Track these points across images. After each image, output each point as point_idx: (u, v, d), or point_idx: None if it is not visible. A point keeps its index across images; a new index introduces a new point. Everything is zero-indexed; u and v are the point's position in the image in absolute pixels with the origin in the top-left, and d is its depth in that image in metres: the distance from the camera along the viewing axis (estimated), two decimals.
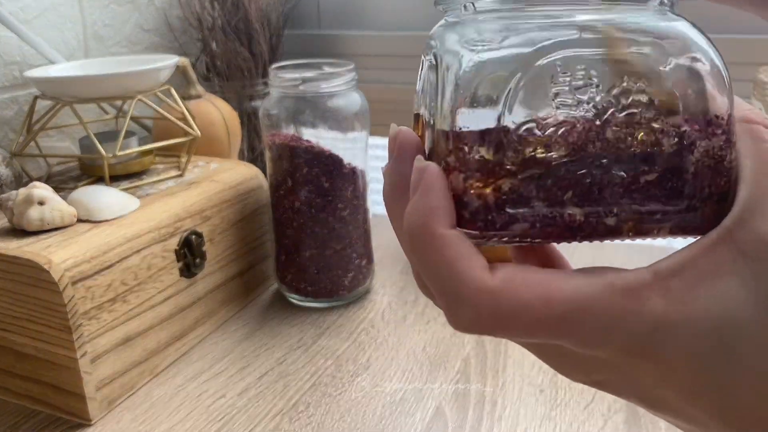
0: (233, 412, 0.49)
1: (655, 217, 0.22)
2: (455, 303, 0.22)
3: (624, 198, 0.22)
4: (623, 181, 0.22)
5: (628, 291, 0.21)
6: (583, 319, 0.21)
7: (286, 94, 0.59)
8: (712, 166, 0.22)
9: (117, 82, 0.57)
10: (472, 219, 0.22)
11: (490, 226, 0.22)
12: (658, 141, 0.22)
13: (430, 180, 0.23)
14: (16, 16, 0.65)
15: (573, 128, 0.22)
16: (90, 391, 0.48)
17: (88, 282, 0.47)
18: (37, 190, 0.49)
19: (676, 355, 0.20)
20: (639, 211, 0.22)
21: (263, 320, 0.62)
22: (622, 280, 0.21)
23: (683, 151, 0.22)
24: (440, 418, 0.48)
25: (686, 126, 0.22)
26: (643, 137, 0.22)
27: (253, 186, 0.64)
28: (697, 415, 0.21)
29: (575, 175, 0.22)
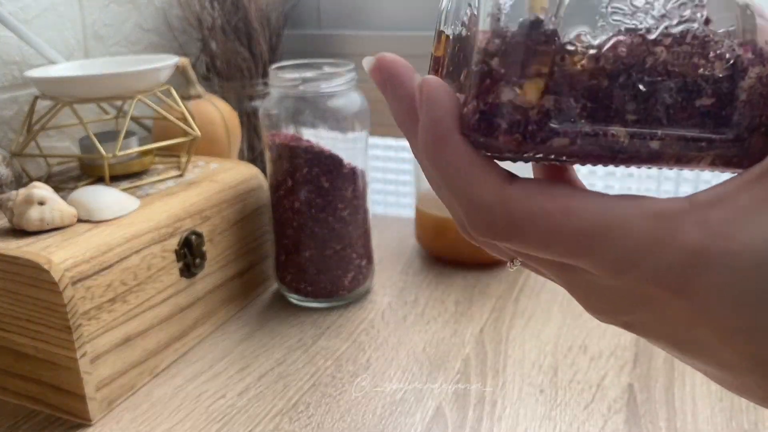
0: (233, 412, 0.49)
1: (700, 145, 0.21)
2: (472, 208, 0.21)
3: (670, 121, 0.21)
4: (671, 103, 0.21)
5: (662, 216, 0.19)
6: (608, 238, 0.20)
7: (286, 94, 0.59)
8: (765, 95, 0.21)
9: (117, 82, 0.57)
10: (510, 130, 0.21)
11: (529, 140, 0.21)
12: (711, 63, 0.21)
13: (430, 91, 0.21)
14: (16, 16, 0.64)
15: (624, 40, 0.21)
16: (90, 391, 0.48)
17: (87, 282, 0.47)
18: (37, 190, 0.49)
19: (712, 291, 0.19)
20: (684, 137, 0.21)
21: (263, 320, 0.62)
22: (657, 204, 0.20)
23: (735, 77, 0.21)
24: (440, 418, 0.48)
25: (740, 50, 0.21)
26: (695, 58, 0.21)
27: (252, 186, 0.64)
28: (732, 359, 0.20)
29: (622, 92, 0.21)
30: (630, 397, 0.49)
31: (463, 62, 0.23)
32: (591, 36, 0.20)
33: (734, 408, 0.48)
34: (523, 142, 0.21)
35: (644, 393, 0.50)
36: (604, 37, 0.21)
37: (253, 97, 0.84)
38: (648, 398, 0.49)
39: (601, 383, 0.51)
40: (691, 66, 0.21)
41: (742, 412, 0.47)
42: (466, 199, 0.22)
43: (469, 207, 0.22)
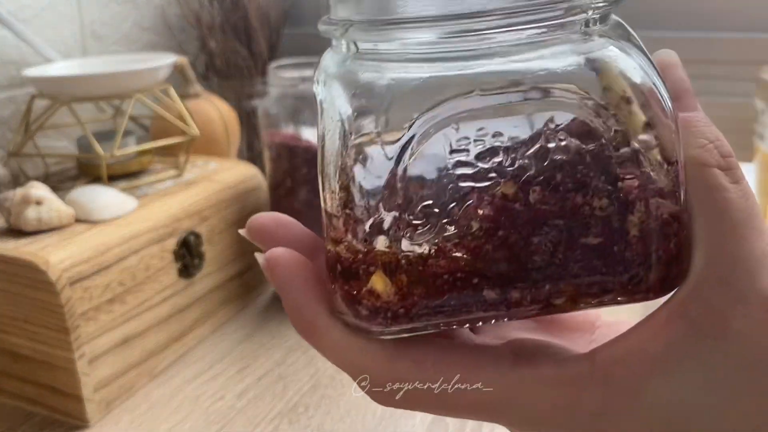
0: (232, 413, 0.49)
1: (593, 290, 0.19)
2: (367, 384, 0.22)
3: (554, 271, 0.19)
4: (551, 252, 0.19)
5: (563, 383, 0.19)
6: (511, 408, 0.20)
7: (285, 93, 0.59)
8: (657, 228, 0.19)
9: (115, 81, 0.57)
10: (371, 316, 0.19)
11: (394, 321, 0.19)
12: (588, 203, 0.19)
13: (284, 273, 0.20)
14: (14, 15, 0.64)
15: (480, 203, 0.18)
16: (88, 392, 0.47)
17: (85, 283, 0.46)
18: (34, 190, 0.49)
19: None
20: (574, 284, 0.19)
21: (262, 321, 0.62)
22: (557, 371, 0.19)
23: (620, 213, 0.19)
24: (440, 419, 0.48)
25: (621, 182, 0.18)
26: (568, 201, 0.19)
27: (252, 186, 0.64)
28: None
29: (491, 255, 0.19)
30: None
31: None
32: (437, 206, 0.19)
33: None
34: (392, 323, 0.19)
35: None
36: (455, 203, 0.19)
37: (252, 96, 0.83)
38: None
39: None
40: (564, 210, 0.19)
41: None
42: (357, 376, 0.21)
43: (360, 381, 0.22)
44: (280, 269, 0.20)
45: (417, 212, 0.18)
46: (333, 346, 0.21)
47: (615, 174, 0.18)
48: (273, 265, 0.20)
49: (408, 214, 0.18)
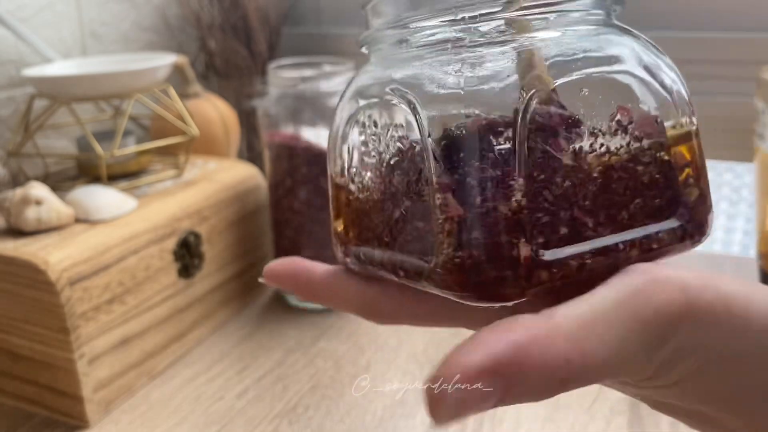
0: (232, 414, 0.49)
1: (417, 272, 0.22)
2: None
3: (394, 248, 0.23)
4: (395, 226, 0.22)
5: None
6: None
7: (285, 93, 0.58)
8: (447, 224, 0.20)
9: (114, 81, 0.57)
10: (337, 250, 0.25)
11: (343, 255, 0.25)
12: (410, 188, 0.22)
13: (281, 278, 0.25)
14: (13, 15, 0.64)
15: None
16: (87, 393, 0.47)
17: (85, 283, 0.46)
18: (34, 190, 0.49)
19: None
20: (401, 263, 0.22)
21: (262, 322, 0.62)
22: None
23: (430, 204, 0.21)
24: None
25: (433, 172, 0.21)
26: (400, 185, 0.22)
27: (251, 186, 0.64)
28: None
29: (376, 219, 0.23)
30: (633, 399, 0.49)
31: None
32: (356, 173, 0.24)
33: None
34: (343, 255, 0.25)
35: None
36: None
37: (251, 96, 0.83)
38: None
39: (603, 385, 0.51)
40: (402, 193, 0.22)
41: None
42: None
43: None
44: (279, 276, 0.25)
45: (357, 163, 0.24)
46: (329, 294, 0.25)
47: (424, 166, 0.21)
48: (271, 274, 0.25)
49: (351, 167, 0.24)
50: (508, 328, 0.18)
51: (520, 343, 0.17)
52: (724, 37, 0.70)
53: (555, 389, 0.18)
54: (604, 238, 0.20)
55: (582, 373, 0.18)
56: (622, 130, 0.21)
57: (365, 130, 0.23)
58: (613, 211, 0.20)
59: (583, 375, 0.18)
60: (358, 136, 0.24)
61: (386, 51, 0.24)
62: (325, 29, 0.91)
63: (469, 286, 0.20)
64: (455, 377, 0.17)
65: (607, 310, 0.18)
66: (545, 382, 0.18)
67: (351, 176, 0.24)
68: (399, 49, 0.23)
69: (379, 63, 0.24)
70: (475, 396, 0.17)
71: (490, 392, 0.17)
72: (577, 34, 0.21)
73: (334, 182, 0.25)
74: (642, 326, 0.18)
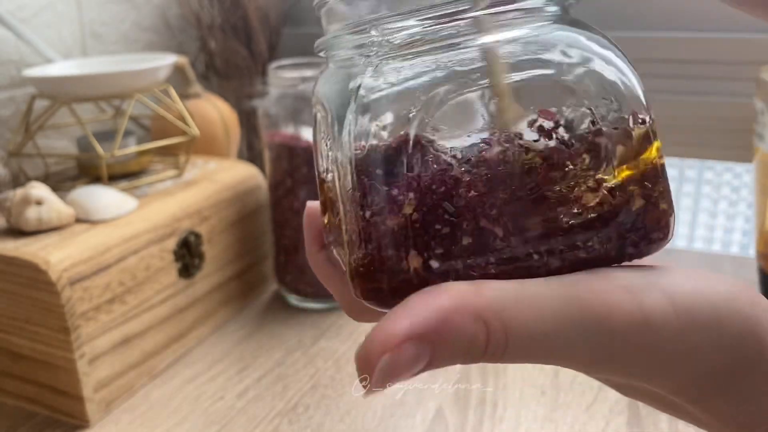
0: (232, 413, 0.49)
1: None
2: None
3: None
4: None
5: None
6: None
7: (285, 93, 0.59)
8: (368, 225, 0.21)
9: (115, 81, 0.57)
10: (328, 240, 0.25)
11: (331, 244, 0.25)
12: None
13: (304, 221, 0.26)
14: (14, 15, 0.64)
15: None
16: (88, 392, 0.47)
17: (85, 283, 0.46)
18: (34, 190, 0.49)
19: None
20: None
21: (262, 321, 0.62)
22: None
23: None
24: (441, 419, 0.48)
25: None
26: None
27: (251, 186, 0.64)
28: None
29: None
30: (632, 400, 0.49)
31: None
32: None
33: None
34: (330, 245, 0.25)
35: None
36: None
37: (252, 96, 0.83)
38: None
39: (603, 385, 0.51)
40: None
41: None
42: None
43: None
44: (306, 217, 0.26)
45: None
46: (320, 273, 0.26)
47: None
48: (305, 212, 0.26)
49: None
50: (436, 294, 0.18)
51: (444, 308, 0.18)
52: (723, 37, 0.70)
53: (479, 357, 0.18)
54: (516, 248, 0.20)
55: (502, 347, 0.18)
56: (544, 135, 0.20)
57: (322, 133, 0.24)
58: (528, 221, 0.20)
59: (505, 349, 0.18)
60: (320, 138, 0.24)
61: (334, 59, 0.24)
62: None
63: (370, 293, 0.20)
64: (383, 345, 0.18)
65: (540, 291, 0.19)
66: (468, 349, 0.18)
67: (325, 173, 0.24)
68: (342, 59, 0.24)
69: (333, 67, 0.25)
70: (404, 361, 0.18)
71: (419, 357, 0.18)
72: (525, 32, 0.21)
73: (318, 175, 0.25)
74: (581, 313, 0.18)
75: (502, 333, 0.18)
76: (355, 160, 0.20)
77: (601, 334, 0.18)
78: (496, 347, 0.18)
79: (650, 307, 0.19)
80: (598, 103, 0.20)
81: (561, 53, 0.20)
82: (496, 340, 0.18)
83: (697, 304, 0.19)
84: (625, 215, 0.20)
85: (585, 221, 0.20)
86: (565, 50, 0.20)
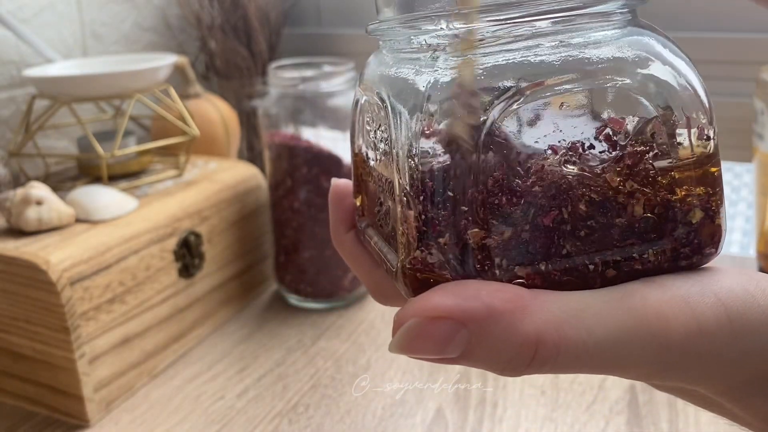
0: (232, 413, 0.49)
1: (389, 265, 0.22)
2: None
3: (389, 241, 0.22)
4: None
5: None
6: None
7: (285, 93, 0.59)
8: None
9: (115, 81, 0.57)
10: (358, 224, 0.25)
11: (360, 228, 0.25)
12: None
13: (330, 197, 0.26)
14: (14, 15, 0.64)
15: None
16: (88, 392, 0.47)
17: (86, 283, 0.46)
18: (34, 190, 0.49)
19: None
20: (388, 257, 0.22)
21: (262, 321, 0.62)
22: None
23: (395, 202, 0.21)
24: (441, 419, 0.48)
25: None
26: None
27: (252, 186, 0.64)
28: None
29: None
30: (632, 399, 0.49)
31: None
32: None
33: None
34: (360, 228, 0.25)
35: (646, 394, 0.50)
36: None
37: (252, 97, 0.83)
38: (650, 399, 0.49)
39: (603, 384, 0.51)
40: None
41: None
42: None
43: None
44: (332, 195, 0.26)
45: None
46: (346, 254, 0.25)
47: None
48: (330, 191, 0.26)
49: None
50: (495, 291, 0.18)
51: (494, 307, 0.17)
52: (723, 37, 0.70)
53: (520, 368, 0.18)
54: (576, 257, 0.20)
55: (552, 358, 0.18)
56: (610, 145, 0.20)
57: (368, 118, 0.24)
58: (590, 231, 0.20)
59: (555, 361, 0.18)
60: (365, 122, 0.24)
61: (390, 45, 0.24)
62: (325, 30, 0.91)
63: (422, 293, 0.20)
64: (419, 311, 0.17)
65: (597, 303, 0.18)
66: (511, 357, 0.18)
67: (364, 155, 0.24)
68: (400, 47, 0.23)
69: (387, 53, 0.24)
70: (432, 335, 0.17)
71: (450, 340, 0.17)
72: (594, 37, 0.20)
73: (353, 155, 0.25)
74: (637, 326, 0.18)
75: (554, 345, 0.18)
76: (419, 161, 0.19)
77: (659, 347, 0.18)
78: (544, 360, 0.18)
79: (705, 315, 0.18)
80: (666, 116, 0.20)
81: (634, 61, 0.20)
82: (546, 352, 0.18)
83: (749, 308, 0.19)
84: (683, 228, 0.20)
85: (643, 233, 0.20)
86: (637, 57, 0.20)
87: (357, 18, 0.90)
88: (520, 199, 0.19)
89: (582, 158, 0.20)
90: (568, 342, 0.18)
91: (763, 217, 0.59)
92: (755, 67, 0.61)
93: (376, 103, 0.22)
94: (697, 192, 0.20)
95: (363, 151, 0.24)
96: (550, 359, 0.18)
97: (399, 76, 0.21)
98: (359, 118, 0.25)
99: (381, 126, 0.22)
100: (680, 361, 0.19)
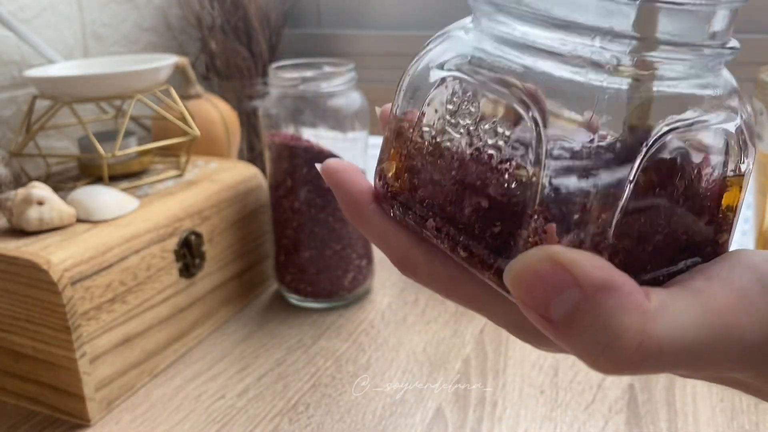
0: (233, 412, 0.49)
1: (477, 257, 0.21)
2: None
3: (458, 225, 0.21)
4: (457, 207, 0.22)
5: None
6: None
7: (285, 94, 0.59)
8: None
9: (116, 82, 0.57)
10: (380, 195, 0.24)
11: (387, 204, 0.24)
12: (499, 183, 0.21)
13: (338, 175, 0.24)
14: (15, 16, 0.64)
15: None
16: (89, 391, 0.48)
17: (87, 282, 0.47)
18: (36, 190, 0.49)
19: None
20: (465, 244, 0.21)
21: (263, 321, 0.62)
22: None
23: (519, 205, 0.20)
24: (440, 418, 0.48)
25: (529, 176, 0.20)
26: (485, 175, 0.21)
27: (252, 186, 0.64)
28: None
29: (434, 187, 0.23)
30: (631, 398, 0.49)
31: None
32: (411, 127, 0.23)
33: (735, 408, 0.48)
34: (387, 204, 0.24)
35: (645, 393, 0.50)
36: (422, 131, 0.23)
37: (252, 97, 0.83)
38: (649, 399, 0.49)
39: (602, 384, 0.51)
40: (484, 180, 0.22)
41: (743, 413, 0.47)
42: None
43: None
44: (339, 173, 0.24)
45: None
46: (371, 228, 0.24)
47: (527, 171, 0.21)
48: (331, 170, 0.24)
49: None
50: (620, 273, 0.17)
51: (614, 281, 0.17)
52: None
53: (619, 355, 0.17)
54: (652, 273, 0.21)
55: (656, 354, 0.17)
56: (696, 179, 0.20)
57: (457, 100, 0.22)
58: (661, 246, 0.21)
59: (656, 357, 0.17)
60: (447, 101, 0.22)
61: (505, 26, 0.21)
62: (325, 30, 0.92)
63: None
64: (552, 251, 0.17)
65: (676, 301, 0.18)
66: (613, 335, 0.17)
67: (421, 129, 0.23)
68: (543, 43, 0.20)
69: (490, 33, 0.22)
70: (547, 280, 0.17)
71: (560, 294, 0.17)
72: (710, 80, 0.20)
73: (398, 123, 0.24)
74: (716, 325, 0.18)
75: (657, 341, 0.17)
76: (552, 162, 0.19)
77: (739, 347, 0.18)
78: (646, 354, 0.17)
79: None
80: (732, 155, 0.21)
81: (730, 106, 0.20)
82: (652, 346, 0.17)
83: None
84: (711, 247, 0.22)
85: (690, 247, 0.21)
86: (731, 100, 0.21)
87: (357, 18, 0.90)
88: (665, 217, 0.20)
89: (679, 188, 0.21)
90: (656, 339, 0.17)
91: (762, 217, 0.59)
92: (755, 67, 0.61)
93: (487, 94, 0.21)
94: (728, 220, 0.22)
95: (428, 131, 0.23)
96: (652, 356, 0.17)
97: (563, 78, 0.20)
98: (427, 87, 0.23)
99: (494, 121, 0.21)
100: (756, 358, 0.19)
